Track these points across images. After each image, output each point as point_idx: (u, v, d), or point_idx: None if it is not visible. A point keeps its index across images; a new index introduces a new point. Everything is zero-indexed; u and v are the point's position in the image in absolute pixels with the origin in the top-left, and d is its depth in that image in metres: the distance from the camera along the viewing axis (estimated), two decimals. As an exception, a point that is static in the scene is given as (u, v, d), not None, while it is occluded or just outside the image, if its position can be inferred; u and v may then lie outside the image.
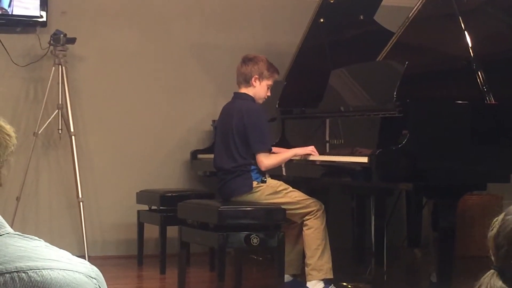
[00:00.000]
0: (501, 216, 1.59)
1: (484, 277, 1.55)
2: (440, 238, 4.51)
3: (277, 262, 4.97)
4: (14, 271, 1.14)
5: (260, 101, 5.33)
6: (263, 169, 5.14)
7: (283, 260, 4.98)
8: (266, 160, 5.10)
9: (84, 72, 6.83)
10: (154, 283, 5.94)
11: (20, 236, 1.22)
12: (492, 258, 1.57)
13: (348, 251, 5.89)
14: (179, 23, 7.14)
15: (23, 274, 1.14)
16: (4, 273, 1.13)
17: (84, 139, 6.79)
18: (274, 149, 5.31)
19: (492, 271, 1.55)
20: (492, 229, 1.58)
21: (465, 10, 5.10)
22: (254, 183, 5.16)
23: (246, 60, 5.33)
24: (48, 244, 1.23)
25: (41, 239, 1.24)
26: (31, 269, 1.14)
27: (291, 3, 7.37)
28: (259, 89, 5.29)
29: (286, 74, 6.53)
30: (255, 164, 5.16)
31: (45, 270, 1.15)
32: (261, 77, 5.28)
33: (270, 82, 5.32)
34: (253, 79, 5.27)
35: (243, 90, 5.31)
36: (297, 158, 5.18)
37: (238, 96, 5.34)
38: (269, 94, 5.37)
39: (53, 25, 6.57)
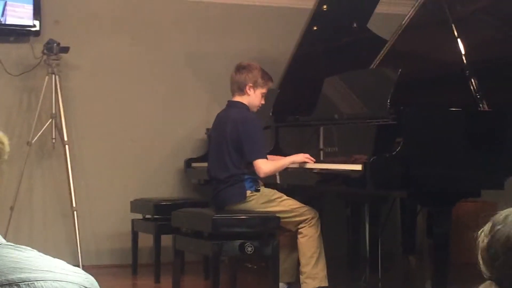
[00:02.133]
0: (488, 227, 1.57)
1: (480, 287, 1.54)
2: (435, 245, 4.51)
3: (272, 270, 4.95)
4: (6, 284, 1.13)
5: (254, 109, 5.32)
6: (262, 175, 5.10)
7: (277, 268, 4.96)
8: (264, 166, 5.07)
9: (77, 81, 6.82)
10: (148, 292, 5.93)
11: (12, 247, 1.21)
12: (483, 269, 1.56)
13: (343, 259, 5.88)
14: (173, 32, 7.14)
15: (15, 287, 1.13)
16: (-4, 285, 1.13)
17: (77, 148, 6.78)
18: (271, 157, 5.30)
19: (489, 281, 1.54)
20: (482, 241, 1.56)
21: (458, 18, 5.11)
22: (248, 192, 5.14)
23: (240, 68, 5.32)
24: (42, 254, 1.22)
25: (34, 249, 1.23)
26: (23, 281, 1.13)
27: (284, 11, 7.38)
28: (253, 98, 5.27)
29: (279, 82, 6.52)
30: (249, 173, 5.14)
31: (38, 282, 1.14)
32: (255, 85, 5.26)
33: (264, 90, 5.31)
34: (247, 87, 5.25)
35: (237, 98, 5.29)
36: (294, 165, 5.15)
37: (232, 104, 5.33)
38: (263, 102, 5.35)
39: (47, 34, 6.56)
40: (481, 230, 1.58)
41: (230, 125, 5.18)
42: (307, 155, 5.11)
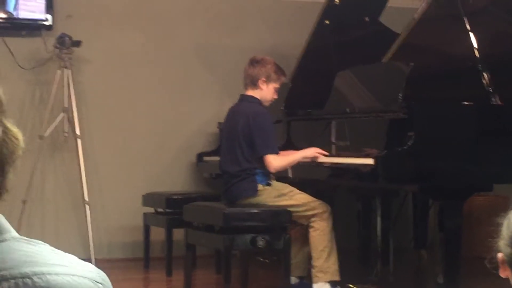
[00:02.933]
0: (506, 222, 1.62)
1: None
2: (447, 239, 4.50)
3: (283, 264, 4.96)
4: (19, 277, 1.13)
5: (267, 104, 5.31)
6: (272, 170, 5.11)
7: (289, 262, 4.97)
8: (275, 162, 5.07)
9: (89, 75, 6.84)
10: (160, 286, 5.94)
11: (25, 241, 1.21)
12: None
13: (354, 253, 5.88)
14: (184, 25, 7.14)
15: (28, 280, 1.13)
16: (9, 278, 1.13)
17: (89, 141, 6.80)
18: (282, 152, 5.29)
19: None
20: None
21: (470, 11, 5.09)
22: (259, 186, 5.14)
23: (254, 62, 5.31)
24: (53, 249, 1.23)
25: (46, 243, 1.23)
26: (35, 275, 1.14)
27: (296, 4, 7.37)
28: (266, 92, 5.26)
29: (291, 76, 6.52)
30: (260, 167, 5.13)
31: (50, 275, 1.15)
32: (268, 80, 5.25)
33: (277, 85, 5.30)
34: (260, 81, 5.24)
35: (250, 92, 5.29)
36: (306, 160, 5.14)
37: (244, 98, 5.32)
38: (275, 97, 5.35)
39: (59, 28, 6.58)
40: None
41: (242, 119, 5.18)
42: (319, 149, 5.11)
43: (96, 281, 1.20)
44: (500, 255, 1.67)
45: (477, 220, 6.43)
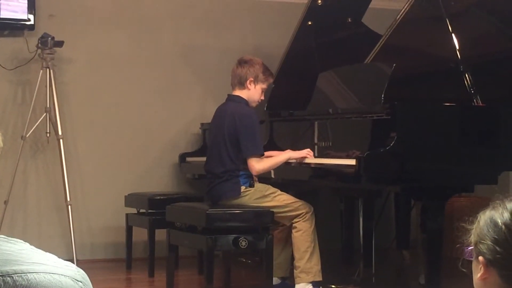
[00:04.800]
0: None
1: None
2: (429, 239, 4.52)
3: (266, 265, 4.96)
4: (-1, 275, 1.13)
5: (254, 104, 5.31)
6: (254, 173, 5.12)
7: (271, 263, 4.97)
8: (257, 165, 5.07)
9: (72, 75, 6.82)
10: (142, 286, 5.93)
11: (4, 239, 1.21)
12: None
13: (337, 253, 5.89)
14: (168, 25, 7.13)
15: (8, 278, 1.13)
16: (-11, 276, 1.13)
17: (72, 142, 6.78)
18: (268, 152, 5.29)
19: None
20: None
21: (452, 13, 5.12)
22: (242, 188, 5.15)
23: (242, 62, 5.30)
24: (33, 247, 1.23)
25: (26, 242, 1.23)
26: (16, 273, 1.14)
27: (279, 5, 7.38)
28: (253, 92, 5.26)
29: (274, 76, 6.53)
30: (244, 169, 5.14)
31: (31, 273, 1.15)
32: (256, 80, 5.25)
33: (264, 86, 5.30)
34: (248, 81, 5.24)
35: (237, 92, 5.28)
36: (292, 161, 5.14)
37: (231, 98, 5.32)
38: (262, 98, 5.35)
39: (41, 28, 6.56)
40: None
41: (228, 119, 5.17)
42: (308, 150, 5.08)
43: (76, 279, 1.21)
44: (481, 259, 1.67)
45: (459, 221, 6.45)
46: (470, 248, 1.72)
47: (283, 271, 5.30)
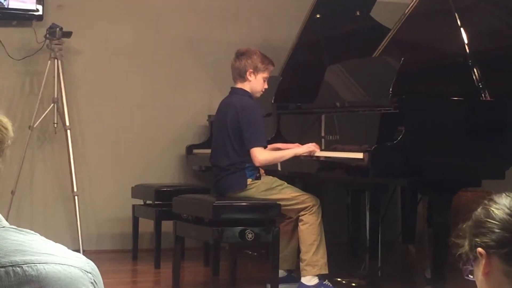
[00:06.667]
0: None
1: None
2: (435, 234, 4.52)
3: (272, 257, 4.96)
4: (9, 265, 1.14)
5: (258, 95, 5.29)
6: (257, 164, 5.10)
7: (277, 255, 4.97)
8: (260, 155, 5.05)
9: (79, 66, 6.82)
10: (148, 277, 5.94)
11: (15, 230, 1.22)
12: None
13: (343, 247, 5.89)
14: (175, 18, 7.13)
15: (18, 268, 1.14)
16: (-1, 267, 1.13)
17: (79, 133, 6.79)
18: (279, 145, 5.28)
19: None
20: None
21: (461, 7, 5.11)
22: (249, 180, 5.14)
23: (239, 54, 5.28)
24: (44, 238, 1.23)
25: (36, 233, 1.23)
26: (26, 263, 1.14)
27: (287, -2, 7.37)
28: (255, 83, 5.24)
29: (282, 69, 6.52)
30: (250, 161, 5.13)
31: (40, 264, 1.15)
32: (256, 71, 5.23)
33: (265, 75, 5.27)
34: (247, 73, 5.22)
35: (239, 85, 5.27)
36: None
37: (234, 91, 5.31)
38: (266, 86, 5.31)
39: (49, 19, 6.56)
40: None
41: (231, 111, 5.17)
42: (313, 144, 5.08)
43: (86, 270, 1.21)
44: (480, 249, 1.65)
45: (465, 216, 6.45)
46: (467, 267, 1.71)
47: (289, 264, 5.30)
